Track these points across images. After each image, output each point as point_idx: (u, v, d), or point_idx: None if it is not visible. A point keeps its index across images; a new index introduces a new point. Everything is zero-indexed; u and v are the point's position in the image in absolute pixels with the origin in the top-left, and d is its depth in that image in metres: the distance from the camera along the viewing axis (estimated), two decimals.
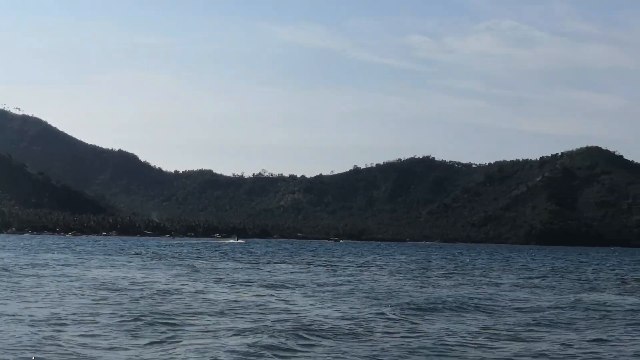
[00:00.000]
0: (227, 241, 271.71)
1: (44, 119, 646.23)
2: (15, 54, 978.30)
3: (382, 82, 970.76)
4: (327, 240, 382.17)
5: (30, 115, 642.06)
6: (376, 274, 71.78)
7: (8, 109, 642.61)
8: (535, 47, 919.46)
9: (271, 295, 43.48)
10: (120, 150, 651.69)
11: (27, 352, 22.14)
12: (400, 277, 66.82)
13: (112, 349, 23.51)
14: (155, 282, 52.46)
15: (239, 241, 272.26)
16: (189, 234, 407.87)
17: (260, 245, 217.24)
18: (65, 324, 28.18)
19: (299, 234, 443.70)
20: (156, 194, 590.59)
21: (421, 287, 54.37)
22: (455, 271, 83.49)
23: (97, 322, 29.18)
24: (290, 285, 52.29)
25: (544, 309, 38.71)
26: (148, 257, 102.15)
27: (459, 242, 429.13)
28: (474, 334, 28.56)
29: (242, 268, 77.97)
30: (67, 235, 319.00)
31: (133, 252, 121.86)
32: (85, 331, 26.39)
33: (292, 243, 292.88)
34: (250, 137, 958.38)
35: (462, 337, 27.71)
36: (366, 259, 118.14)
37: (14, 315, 30.15)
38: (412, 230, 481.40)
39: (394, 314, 34.38)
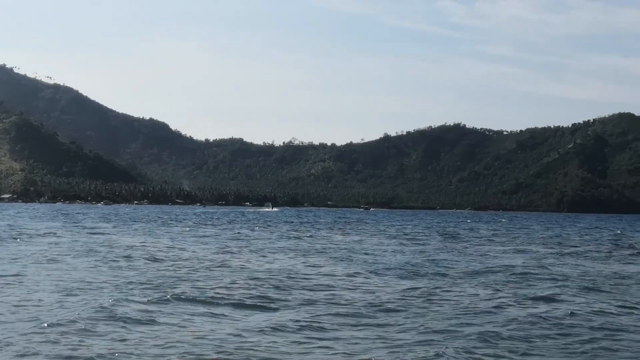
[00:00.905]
0: (262, 209, 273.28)
1: (75, 87, 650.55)
2: (46, 23, 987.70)
3: (413, 48, 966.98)
4: (357, 209, 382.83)
5: (61, 84, 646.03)
6: (368, 240, 72.10)
7: (39, 78, 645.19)
8: (569, 11, 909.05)
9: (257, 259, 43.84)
10: (151, 119, 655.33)
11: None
12: (393, 244, 66.98)
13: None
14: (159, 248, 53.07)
15: (274, 209, 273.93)
16: (220, 202, 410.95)
17: (281, 215, 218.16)
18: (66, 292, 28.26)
19: (329, 202, 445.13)
20: (187, 163, 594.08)
21: (402, 253, 54.39)
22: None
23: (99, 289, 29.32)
24: (278, 251, 52.67)
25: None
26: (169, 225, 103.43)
27: (490, 209, 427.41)
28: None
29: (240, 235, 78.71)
30: (99, 205, 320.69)
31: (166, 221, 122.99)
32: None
33: (318, 212, 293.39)
34: (281, 104, 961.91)
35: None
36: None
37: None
38: (443, 198, 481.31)
39: (359, 276, 34.67)
